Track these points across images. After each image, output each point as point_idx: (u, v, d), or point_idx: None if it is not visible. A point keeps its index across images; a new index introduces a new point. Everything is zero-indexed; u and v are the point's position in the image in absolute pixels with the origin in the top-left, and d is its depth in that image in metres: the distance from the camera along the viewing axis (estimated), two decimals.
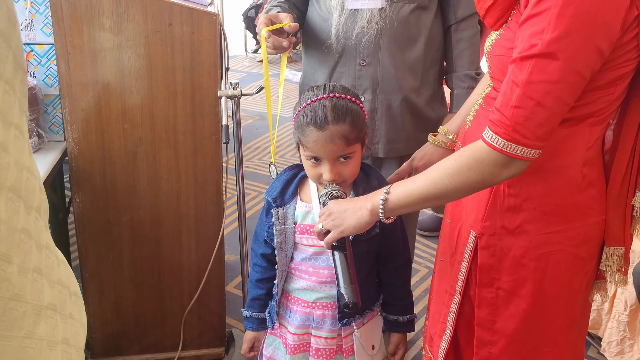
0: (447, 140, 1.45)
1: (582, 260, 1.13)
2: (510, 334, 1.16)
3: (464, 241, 1.19)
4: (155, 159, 1.81)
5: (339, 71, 1.70)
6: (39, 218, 0.68)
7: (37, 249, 0.66)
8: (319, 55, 1.74)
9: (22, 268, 0.63)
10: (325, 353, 1.41)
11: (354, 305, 1.16)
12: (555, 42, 0.91)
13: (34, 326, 0.64)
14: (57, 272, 0.72)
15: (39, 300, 0.66)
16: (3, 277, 0.59)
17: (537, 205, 1.09)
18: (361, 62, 1.66)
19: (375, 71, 1.66)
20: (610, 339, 2.11)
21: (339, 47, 1.66)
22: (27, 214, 0.64)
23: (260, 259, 1.46)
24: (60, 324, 0.70)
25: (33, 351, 0.64)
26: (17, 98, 0.63)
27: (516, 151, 0.97)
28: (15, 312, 0.61)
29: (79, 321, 0.77)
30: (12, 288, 0.60)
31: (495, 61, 1.10)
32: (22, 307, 0.62)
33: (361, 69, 1.67)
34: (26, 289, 0.63)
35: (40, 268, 0.67)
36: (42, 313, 0.66)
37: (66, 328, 0.72)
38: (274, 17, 1.57)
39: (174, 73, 1.73)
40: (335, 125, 1.24)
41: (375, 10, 1.60)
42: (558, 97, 0.94)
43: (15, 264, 0.61)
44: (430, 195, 1.07)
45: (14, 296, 0.61)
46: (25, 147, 0.65)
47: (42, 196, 0.69)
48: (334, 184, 1.28)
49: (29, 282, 0.64)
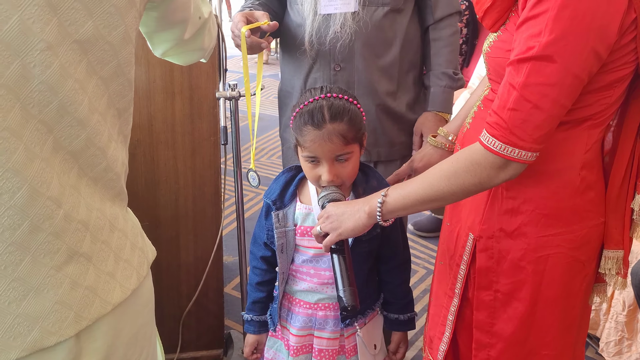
0: (446, 141, 1.45)
1: (581, 263, 1.12)
2: (508, 337, 1.16)
3: (463, 244, 1.19)
4: (154, 161, 1.81)
5: (313, 77, 1.67)
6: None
7: (87, 208, 0.78)
8: (294, 61, 1.71)
9: (69, 215, 0.74)
10: (328, 354, 1.41)
11: (353, 308, 1.16)
12: (552, 44, 0.91)
13: (64, 263, 0.75)
14: (106, 234, 0.82)
15: (75, 246, 0.76)
16: (49, 215, 0.72)
17: (535, 207, 1.08)
18: (335, 67, 1.63)
19: (350, 76, 1.63)
20: (608, 339, 2.11)
21: (312, 53, 1.63)
22: (79, 177, 0.76)
23: (259, 261, 1.46)
24: (91, 274, 0.79)
25: (55, 281, 0.74)
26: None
27: (513, 154, 0.97)
28: (52, 245, 0.73)
29: (120, 283, 0.84)
30: (54, 226, 0.73)
31: (493, 63, 1.10)
32: (59, 244, 0.74)
33: (336, 74, 1.64)
34: (67, 233, 0.75)
35: (87, 223, 0.78)
36: (74, 258, 0.77)
37: (98, 280, 0.81)
38: (250, 15, 1.53)
39: (172, 74, 1.73)
40: (332, 124, 1.24)
41: (348, 15, 1.56)
42: (555, 100, 0.93)
43: (63, 209, 0.73)
44: (428, 198, 1.07)
45: (54, 232, 0.73)
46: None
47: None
48: (332, 186, 1.28)
49: (71, 228, 0.75)
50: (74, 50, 0.71)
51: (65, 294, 0.76)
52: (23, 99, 0.67)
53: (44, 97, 0.68)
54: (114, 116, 0.81)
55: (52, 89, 0.69)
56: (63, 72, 0.70)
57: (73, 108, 0.72)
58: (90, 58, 0.73)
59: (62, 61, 0.69)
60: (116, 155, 0.82)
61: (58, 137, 0.72)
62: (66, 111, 0.71)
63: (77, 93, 0.72)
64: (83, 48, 0.72)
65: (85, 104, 0.73)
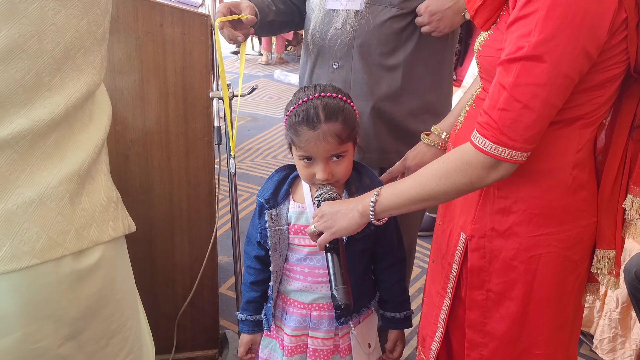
0: (439, 139, 1.44)
1: (573, 263, 1.12)
2: (500, 336, 1.16)
3: (455, 243, 1.19)
4: (148, 161, 1.81)
5: (316, 73, 1.67)
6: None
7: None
8: (304, 55, 1.73)
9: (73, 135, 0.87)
10: (323, 353, 1.41)
11: (347, 306, 1.16)
12: (542, 44, 0.91)
13: (65, 180, 0.86)
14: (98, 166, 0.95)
15: (74, 167, 0.87)
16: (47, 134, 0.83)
17: (527, 207, 1.08)
18: (333, 64, 1.62)
19: (347, 75, 1.60)
20: (602, 336, 2.12)
21: (315, 48, 1.63)
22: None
23: (253, 261, 1.46)
24: (85, 200, 0.90)
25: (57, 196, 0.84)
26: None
27: (503, 154, 0.97)
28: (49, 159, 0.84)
29: (111, 217, 0.95)
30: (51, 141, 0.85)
31: (484, 62, 1.11)
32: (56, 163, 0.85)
33: (334, 72, 1.62)
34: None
35: (88, 151, 0.91)
36: (74, 178, 0.87)
37: (94, 208, 0.91)
38: (234, 6, 1.53)
39: (166, 74, 1.73)
40: (327, 124, 1.25)
41: (351, 12, 1.54)
42: (545, 100, 0.93)
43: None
44: (419, 197, 1.07)
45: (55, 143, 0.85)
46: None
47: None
48: (328, 184, 1.29)
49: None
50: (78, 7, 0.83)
51: (66, 207, 0.84)
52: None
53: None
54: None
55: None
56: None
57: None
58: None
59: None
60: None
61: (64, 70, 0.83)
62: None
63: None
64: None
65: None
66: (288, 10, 1.73)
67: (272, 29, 1.75)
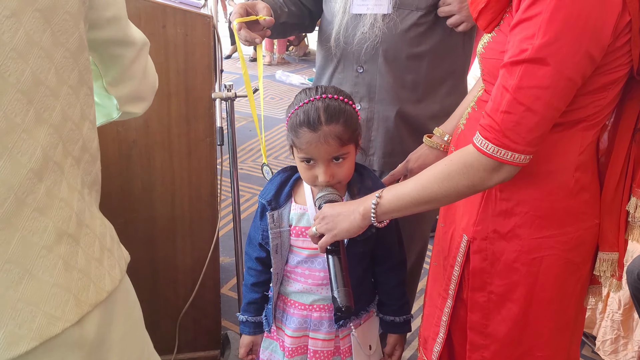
0: (442, 141, 1.44)
1: (575, 265, 1.12)
2: (502, 338, 1.16)
3: (457, 245, 1.19)
4: (150, 162, 1.81)
5: (338, 77, 1.65)
6: (75, 165, 0.78)
7: (69, 188, 0.78)
8: (322, 59, 1.70)
9: (51, 191, 0.73)
10: (323, 355, 1.41)
11: (347, 309, 1.16)
12: (546, 47, 0.90)
13: (54, 243, 0.74)
14: (88, 219, 0.83)
15: (62, 226, 0.75)
16: (32, 189, 0.71)
17: (529, 209, 1.08)
18: (358, 68, 1.60)
19: (372, 79, 1.59)
20: (604, 337, 2.12)
21: (338, 52, 1.61)
22: (64, 156, 0.76)
23: (254, 262, 1.46)
24: (81, 257, 0.78)
25: (49, 262, 0.74)
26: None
27: (506, 156, 0.97)
28: (38, 222, 0.72)
29: (109, 272, 0.84)
30: (37, 201, 0.72)
31: (487, 64, 1.10)
32: (45, 221, 0.73)
33: (358, 76, 1.61)
34: (51, 210, 0.74)
35: (70, 202, 0.77)
36: (64, 238, 0.75)
37: (89, 265, 0.80)
38: (251, 7, 1.51)
39: (168, 75, 1.73)
40: (328, 126, 1.24)
41: (379, 16, 1.52)
42: (548, 103, 0.93)
43: (44, 184, 0.72)
44: (421, 199, 1.07)
45: (38, 208, 0.72)
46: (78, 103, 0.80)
47: (84, 154, 0.81)
48: (329, 186, 1.29)
49: (55, 205, 0.74)
50: (37, 19, 0.72)
51: (61, 275, 0.75)
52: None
53: (17, 65, 0.69)
54: (87, 95, 0.81)
55: (22, 56, 0.70)
56: (28, 39, 0.71)
57: (43, 76, 0.72)
58: (54, 28, 0.74)
59: (27, 29, 0.70)
60: (91, 136, 0.82)
61: (38, 108, 0.72)
62: (39, 80, 0.72)
63: (44, 61, 0.72)
64: (45, 16, 0.73)
65: (52, 72, 0.74)
66: (299, 13, 1.71)
67: (284, 31, 1.74)
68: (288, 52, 7.88)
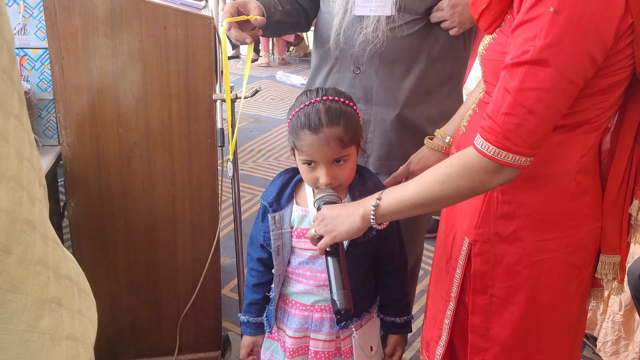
0: (443, 143, 1.44)
1: (577, 268, 1.12)
2: (503, 341, 1.16)
3: (458, 248, 1.19)
4: (150, 163, 1.81)
5: (334, 77, 1.63)
6: (43, 210, 0.67)
7: (43, 241, 0.65)
8: (319, 59, 1.68)
9: (23, 260, 0.61)
10: (324, 356, 1.41)
11: (346, 311, 1.15)
12: (547, 49, 0.90)
13: (35, 320, 0.62)
14: (65, 266, 0.71)
15: (42, 294, 0.63)
16: (1, 268, 0.57)
17: (530, 212, 1.08)
18: (355, 69, 1.58)
19: (369, 81, 1.57)
20: (605, 339, 2.12)
21: (337, 52, 1.59)
22: (30, 204, 0.63)
23: (256, 263, 1.46)
24: (66, 319, 0.68)
25: (35, 345, 0.62)
26: (15, 89, 0.62)
27: (507, 159, 0.96)
28: (14, 304, 0.59)
29: (89, 318, 0.76)
30: (10, 280, 0.59)
31: (488, 65, 1.10)
32: (22, 299, 0.60)
33: (355, 77, 1.58)
34: (26, 281, 0.61)
35: (46, 261, 0.65)
36: (45, 306, 0.64)
37: (73, 323, 0.70)
38: (242, 6, 1.48)
39: (169, 77, 1.73)
40: (329, 128, 1.24)
41: (382, 18, 1.49)
42: (549, 105, 0.93)
43: (15, 254, 0.59)
44: (421, 202, 1.06)
45: (12, 288, 0.59)
46: (26, 139, 0.63)
47: (43, 190, 0.68)
48: (329, 188, 1.28)
49: (30, 274, 0.62)
50: None
51: (50, 354, 0.64)
52: None
53: None
54: (16, 127, 0.64)
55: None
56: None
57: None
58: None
59: None
60: (40, 165, 0.70)
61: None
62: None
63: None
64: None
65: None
66: (294, 12, 1.69)
67: (278, 30, 1.71)
68: (288, 53, 7.87)
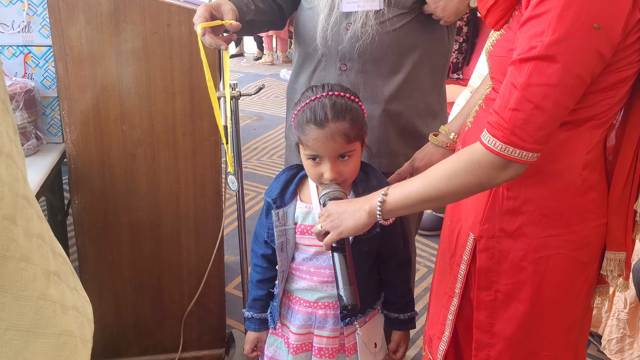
0: (447, 140, 1.43)
1: (583, 264, 1.12)
2: (508, 337, 1.16)
3: (463, 243, 1.18)
4: (154, 160, 1.81)
5: (319, 74, 1.59)
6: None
7: (38, 218, 0.68)
8: (303, 57, 1.64)
9: (27, 232, 0.64)
10: (328, 352, 1.41)
11: (353, 307, 1.16)
12: (555, 44, 0.90)
13: (46, 288, 0.65)
14: (57, 246, 0.74)
15: (46, 265, 0.66)
16: (11, 238, 0.60)
17: (536, 208, 1.08)
18: (341, 66, 1.55)
19: (356, 77, 1.54)
20: (610, 336, 2.11)
21: (323, 50, 1.56)
22: (24, 182, 0.65)
23: (260, 259, 1.46)
24: (67, 292, 0.71)
25: (48, 312, 0.64)
26: (11, 121, 0.64)
27: (514, 154, 0.96)
28: (26, 272, 0.62)
29: (83, 295, 0.77)
30: (20, 249, 0.61)
31: (495, 62, 1.10)
32: (32, 268, 0.63)
33: (341, 74, 1.55)
34: (33, 252, 0.64)
35: (44, 236, 0.68)
36: (50, 278, 0.67)
37: (74, 297, 0.72)
38: (215, 9, 1.42)
39: (173, 74, 1.73)
40: (335, 122, 1.24)
41: (370, 13, 1.47)
42: (557, 101, 0.93)
43: (20, 226, 0.62)
44: (428, 197, 1.06)
45: (22, 257, 0.62)
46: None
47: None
48: (334, 184, 1.28)
49: (34, 246, 0.65)
50: None
51: (63, 320, 0.67)
52: None
53: None
54: (2, 110, 0.68)
55: None
56: None
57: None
58: None
59: None
60: (22, 153, 0.72)
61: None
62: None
63: None
64: None
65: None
66: (268, 10, 1.65)
67: (252, 29, 1.66)
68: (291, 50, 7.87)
